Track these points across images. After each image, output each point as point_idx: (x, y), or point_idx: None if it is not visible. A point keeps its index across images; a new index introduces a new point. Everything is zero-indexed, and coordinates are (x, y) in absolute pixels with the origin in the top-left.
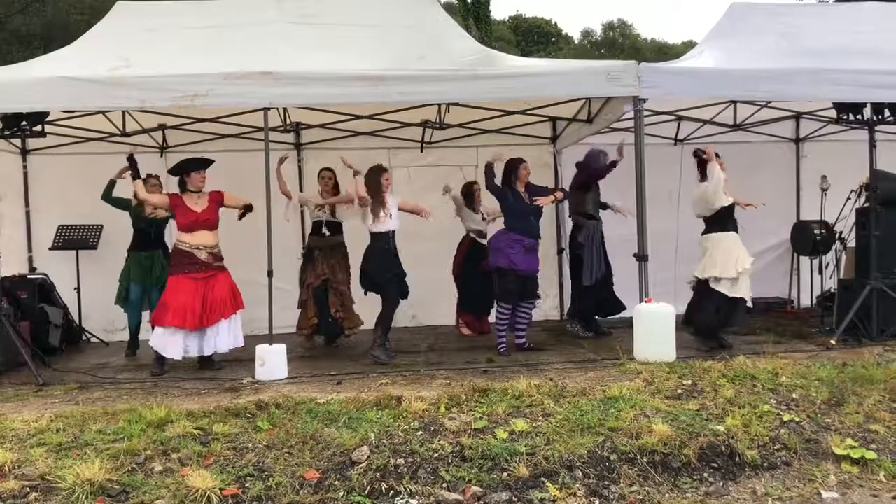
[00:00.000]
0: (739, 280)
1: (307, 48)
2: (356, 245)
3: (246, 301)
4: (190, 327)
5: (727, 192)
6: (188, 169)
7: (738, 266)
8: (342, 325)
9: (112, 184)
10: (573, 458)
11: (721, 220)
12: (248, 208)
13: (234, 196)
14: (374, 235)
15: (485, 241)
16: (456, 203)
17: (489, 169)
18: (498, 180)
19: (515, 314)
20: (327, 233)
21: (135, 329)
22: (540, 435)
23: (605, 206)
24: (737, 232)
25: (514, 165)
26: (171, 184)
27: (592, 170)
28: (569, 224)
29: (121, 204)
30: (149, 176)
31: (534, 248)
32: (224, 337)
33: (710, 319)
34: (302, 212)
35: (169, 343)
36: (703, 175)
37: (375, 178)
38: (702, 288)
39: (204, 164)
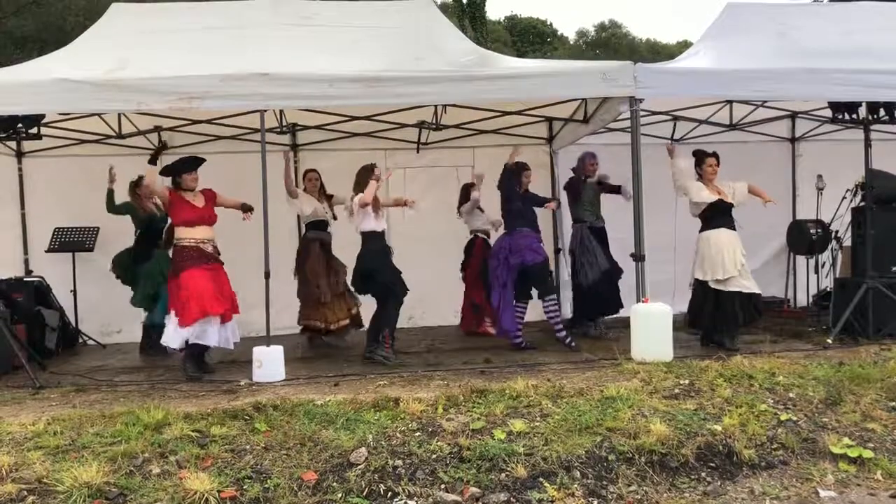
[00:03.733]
0: (731, 281)
1: (303, 50)
2: (348, 245)
3: (242, 302)
4: (227, 313)
5: (713, 190)
6: (180, 170)
7: (735, 264)
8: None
9: (111, 193)
10: (571, 458)
11: (707, 219)
12: (246, 208)
13: (225, 197)
14: (372, 235)
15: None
16: (472, 205)
17: (507, 171)
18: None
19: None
20: (331, 231)
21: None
22: (538, 435)
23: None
24: (731, 229)
25: (518, 170)
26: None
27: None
28: (566, 225)
29: (126, 209)
30: (140, 178)
31: (541, 241)
32: (233, 333)
33: (709, 320)
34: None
35: (206, 332)
36: (700, 175)
37: (365, 178)
38: (699, 289)
39: (195, 163)
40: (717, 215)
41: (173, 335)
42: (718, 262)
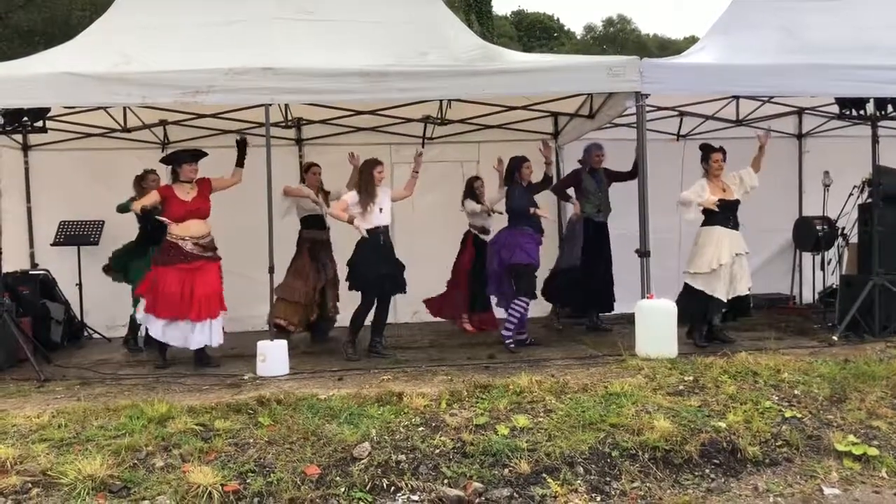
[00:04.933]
0: (710, 277)
1: (308, 44)
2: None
3: (245, 297)
4: (180, 317)
5: (717, 188)
6: (179, 161)
7: (710, 263)
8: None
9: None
10: (574, 454)
11: (707, 215)
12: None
13: (220, 179)
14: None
15: (486, 238)
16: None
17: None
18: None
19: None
20: (329, 225)
21: None
22: (541, 431)
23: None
24: (727, 227)
25: (517, 164)
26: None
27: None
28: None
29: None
30: (146, 172)
31: (540, 243)
32: (215, 333)
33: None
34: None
35: (168, 332)
36: (705, 171)
37: (368, 172)
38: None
39: (195, 156)
40: (715, 212)
41: (154, 326)
42: (698, 255)
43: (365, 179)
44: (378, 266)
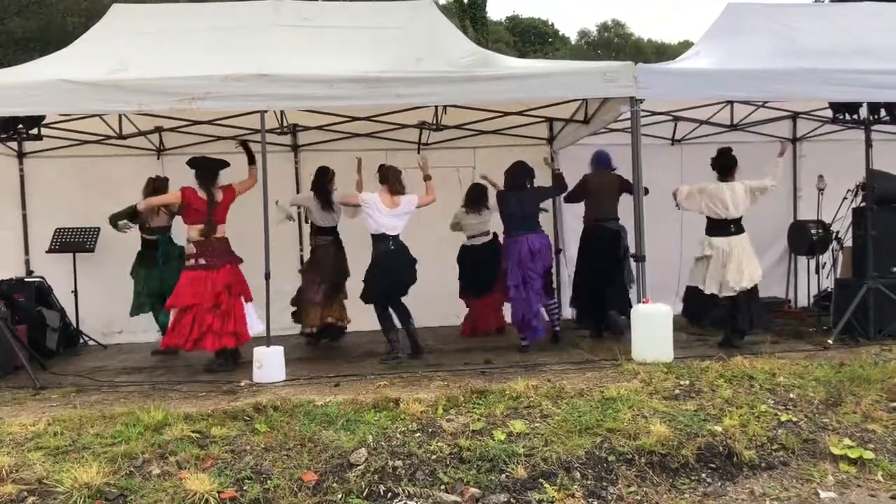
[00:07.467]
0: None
1: (304, 50)
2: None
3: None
4: None
5: None
6: (216, 169)
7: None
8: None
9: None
10: (571, 459)
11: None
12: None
13: (242, 183)
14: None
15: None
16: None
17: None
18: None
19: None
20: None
21: None
22: (538, 436)
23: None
24: None
25: (531, 171)
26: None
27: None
28: (568, 225)
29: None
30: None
31: None
32: None
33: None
34: (300, 214)
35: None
36: (723, 174)
37: (396, 178)
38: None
39: (222, 165)
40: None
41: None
42: (754, 263)
43: (397, 183)
44: (370, 270)
